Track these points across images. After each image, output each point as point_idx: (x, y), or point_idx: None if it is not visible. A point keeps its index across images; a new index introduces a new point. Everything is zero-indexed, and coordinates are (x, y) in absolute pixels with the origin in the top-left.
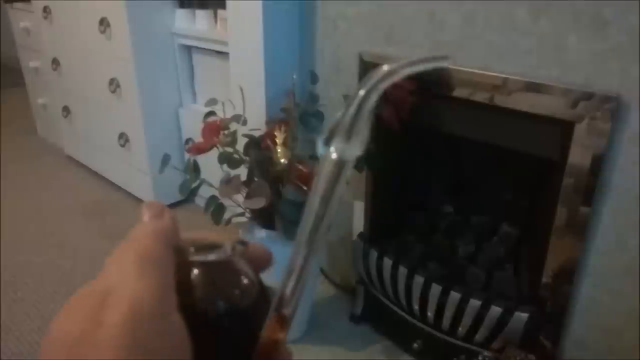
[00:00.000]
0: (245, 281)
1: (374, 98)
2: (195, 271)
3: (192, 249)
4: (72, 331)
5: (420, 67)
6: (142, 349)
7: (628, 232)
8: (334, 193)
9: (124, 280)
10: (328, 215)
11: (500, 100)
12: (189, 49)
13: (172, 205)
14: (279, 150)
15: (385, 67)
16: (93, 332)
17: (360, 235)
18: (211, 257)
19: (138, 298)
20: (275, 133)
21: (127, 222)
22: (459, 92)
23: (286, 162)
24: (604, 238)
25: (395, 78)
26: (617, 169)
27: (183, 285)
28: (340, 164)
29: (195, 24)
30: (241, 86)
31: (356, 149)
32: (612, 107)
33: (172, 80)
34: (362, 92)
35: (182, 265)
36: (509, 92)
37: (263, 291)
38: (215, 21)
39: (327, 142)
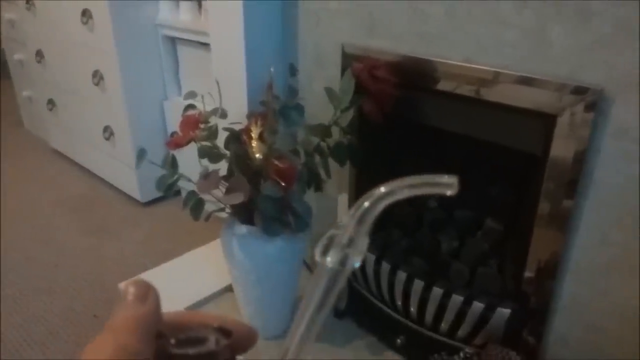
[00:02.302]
0: None
1: (375, 212)
2: None
3: (173, 341)
4: None
5: (422, 191)
6: None
7: (611, 227)
8: (328, 299)
9: None
10: (322, 317)
11: (484, 94)
12: (173, 41)
13: (157, 200)
14: (254, 144)
15: (387, 187)
16: None
17: None
18: (194, 350)
19: None
20: (251, 127)
21: (114, 217)
22: (441, 85)
23: (261, 157)
24: (586, 233)
25: (396, 198)
26: (599, 162)
27: None
28: (335, 273)
29: (179, 15)
30: (221, 79)
31: (354, 259)
32: (595, 100)
33: (157, 72)
34: (366, 204)
35: (162, 355)
36: (492, 85)
37: None
38: (200, 12)
39: (324, 252)
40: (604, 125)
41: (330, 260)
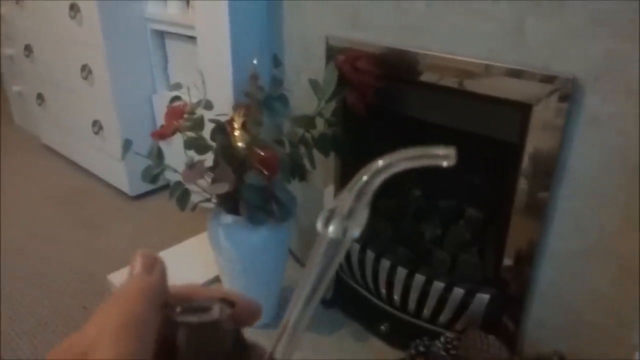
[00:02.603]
0: (229, 343)
1: (374, 186)
2: (181, 333)
3: (178, 309)
4: None
5: (420, 163)
6: None
7: (585, 215)
8: (329, 269)
9: (102, 344)
10: (322, 288)
11: (464, 84)
12: (161, 35)
13: (146, 194)
14: (236, 134)
15: (385, 160)
16: None
17: None
18: (197, 319)
19: None
20: (234, 117)
21: (103, 211)
22: (422, 76)
23: (244, 146)
24: (562, 221)
25: (394, 170)
26: (574, 151)
27: (167, 345)
28: (336, 243)
29: (167, 9)
30: (207, 71)
31: (354, 231)
32: (569, 90)
33: (145, 66)
34: (364, 178)
35: (168, 324)
36: (471, 75)
37: (248, 352)
38: (188, 6)
39: (327, 222)
40: (578, 114)
41: (331, 230)
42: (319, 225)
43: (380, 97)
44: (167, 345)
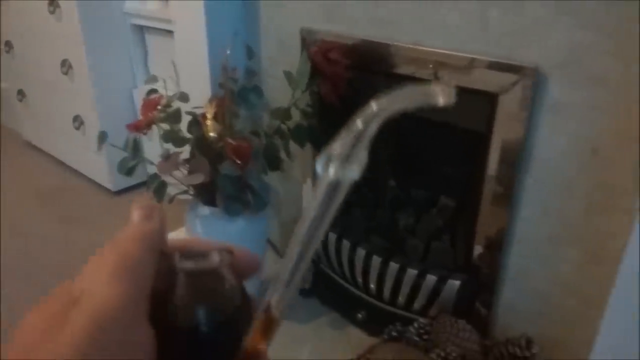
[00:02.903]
0: (229, 292)
1: (372, 130)
2: (179, 279)
3: (177, 256)
4: (38, 326)
5: (416, 103)
6: (99, 355)
7: (550, 200)
8: (328, 212)
9: (97, 284)
10: (321, 232)
11: (431, 75)
12: (141, 29)
13: (128, 189)
14: (208, 124)
15: (379, 104)
16: (57, 330)
17: None
18: (196, 265)
19: (106, 305)
20: (206, 108)
21: (85, 206)
22: (393, 68)
23: (215, 136)
24: (528, 207)
25: (390, 113)
26: (538, 139)
27: (166, 292)
28: (336, 185)
29: (146, 3)
30: (185, 64)
31: (353, 172)
32: (532, 79)
33: (125, 60)
34: (359, 124)
35: (167, 272)
36: (440, 66)
37: (247, 302)
38: (167, 0)
39: (326, 165)
40: (541, 103)
41: (331, 172)
42: (319, 168)
43: (352, 88)
44: (165, 296)
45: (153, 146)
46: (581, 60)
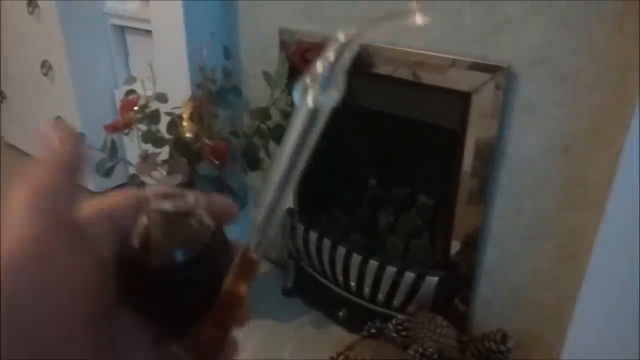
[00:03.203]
0: (205, 231)
1: (346, 61)
2: (154, 217)
3: (153, 197)
4: None
5: (387, 25)
6: (19, 287)
7: (524, 197)
8: (307, 140)
9: (11, 223)
10: (301, 162)
11: (409, 74)
12: (122, 29)
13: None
14: (184, 124)
15: (346, 34)
16: None
17: (288, 210)
18: (172, 204)
19: (20, 239)
20: (183, 108)
21: None
22: (369, 67)
23: (191, 136)
24: (502, 204)
25: (361, 41)
26: (511, 137)
27: (142, 233)
28: (315, 112)
29: (126, 3)
30: (164, 64)
31: (332, 98)
32: (504, 78)
33: (106, 61)
34: (331, 55)
35: (143, 213)
36: (416, 66)
37: (225, 245)
38: (147, 0)
39: (304, 91)
40: (513, 101)
41: (309, 99)
42: (296, 97)
43: None
44: (141, 237)
45: (134, 147)
46: (552, 59)
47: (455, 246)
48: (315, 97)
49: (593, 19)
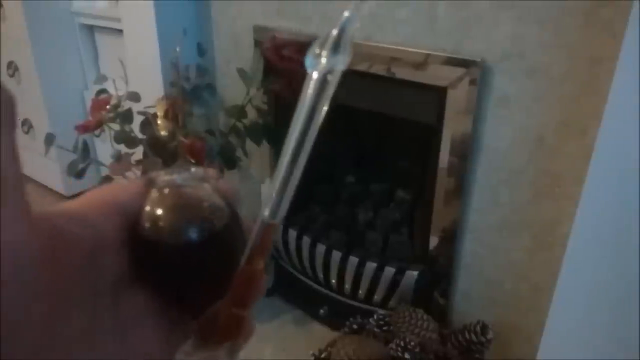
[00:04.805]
0: (217, 205)
1: (356, 19)
2: (163, 193)
3: (162, 173)
4: None
5: None
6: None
7: (499, 190)
8: (319, 106)
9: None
10: (313, 129)
11: (385, 70)
12: (91, 29)
13: (81, 194)
14: (159, 122)
15: (351, 9)
16: None
17: None
18: (180, 177)
19: None
20: (157, 106)
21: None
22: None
23: (167, 134)
24: (480, 197)
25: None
26: (486, 130)
27: (151, 212)
28: (328, 75)
29: (94, 2)
30: (136, 63)
31: (343, 60)
32: (478, 72)
33: (75, 61)
34: (346, 14)
35: (154, 189)
36: (391, 61)
37: (236, 217)
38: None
39: (316, 56)
40: (488, 95)
41: (323, 61)
42: (308, 62)
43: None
44: (152, 212)
45: (106, 148)
46: (524, 53)
47: (434, 240)
48: (329, 59)
49: (562, 13)
